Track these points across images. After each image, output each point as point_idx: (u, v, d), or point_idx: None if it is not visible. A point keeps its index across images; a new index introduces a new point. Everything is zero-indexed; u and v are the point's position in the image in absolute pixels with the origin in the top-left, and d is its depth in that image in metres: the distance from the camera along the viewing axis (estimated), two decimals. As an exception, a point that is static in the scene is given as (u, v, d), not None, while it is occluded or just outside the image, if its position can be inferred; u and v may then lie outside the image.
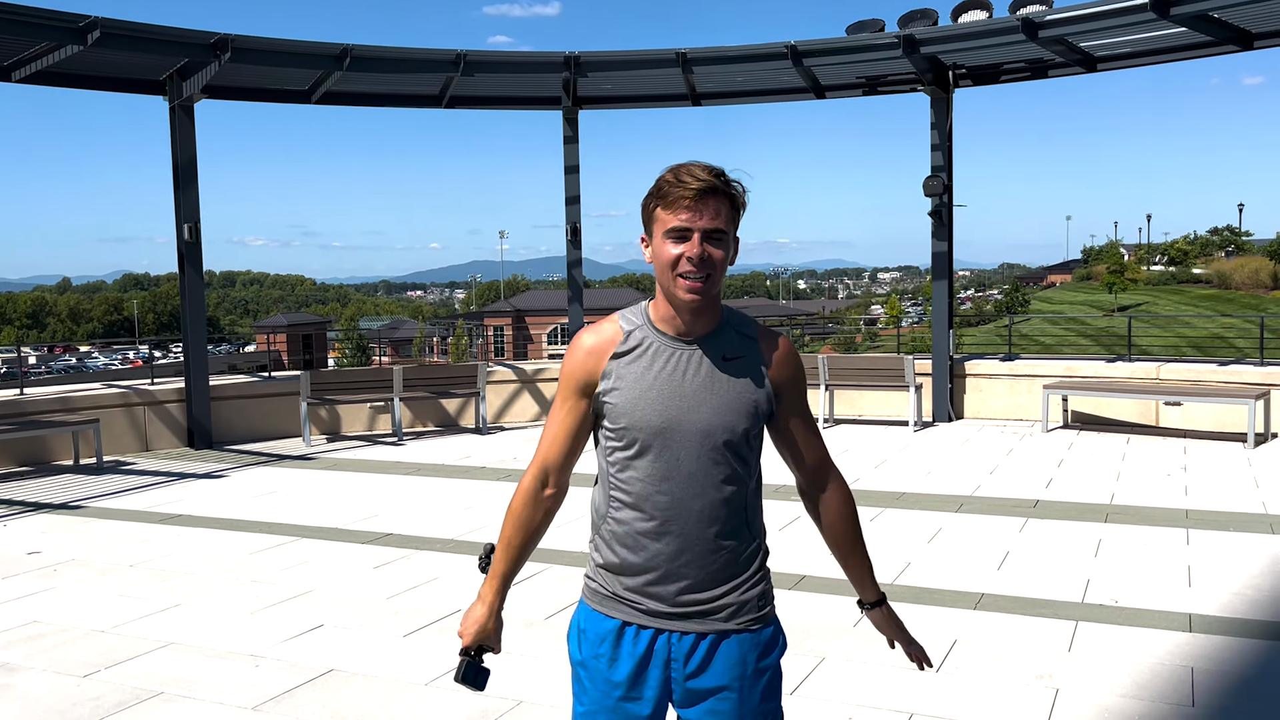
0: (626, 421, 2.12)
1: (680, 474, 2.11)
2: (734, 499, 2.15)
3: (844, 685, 4.42)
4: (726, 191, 2.09)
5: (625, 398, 2.13)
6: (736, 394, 2.14)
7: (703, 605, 2.16)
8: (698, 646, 2.17)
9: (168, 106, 11.51)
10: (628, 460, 2.14)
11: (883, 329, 57.95)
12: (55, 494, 9.07)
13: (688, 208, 2.05)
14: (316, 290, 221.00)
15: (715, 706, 2.18)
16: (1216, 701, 4.18)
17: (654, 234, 2.11)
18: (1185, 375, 11.37)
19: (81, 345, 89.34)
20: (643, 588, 2.16)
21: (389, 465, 10.22)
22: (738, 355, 2.16)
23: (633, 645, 2.18)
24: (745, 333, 2.19)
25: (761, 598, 2.23)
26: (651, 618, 2.17)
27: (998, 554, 6.42)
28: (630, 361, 2.14)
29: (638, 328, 2.17)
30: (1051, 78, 12.20)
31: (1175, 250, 77.95)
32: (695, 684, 2.18)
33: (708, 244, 2.07)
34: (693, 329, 2.14)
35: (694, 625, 2.17)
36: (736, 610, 2.19)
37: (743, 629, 2.20)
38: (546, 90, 13.38)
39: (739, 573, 2.19)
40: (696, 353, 2.14)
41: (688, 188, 2.05)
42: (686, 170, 2.08)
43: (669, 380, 2.12)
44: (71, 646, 5.12)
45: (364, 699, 4.38)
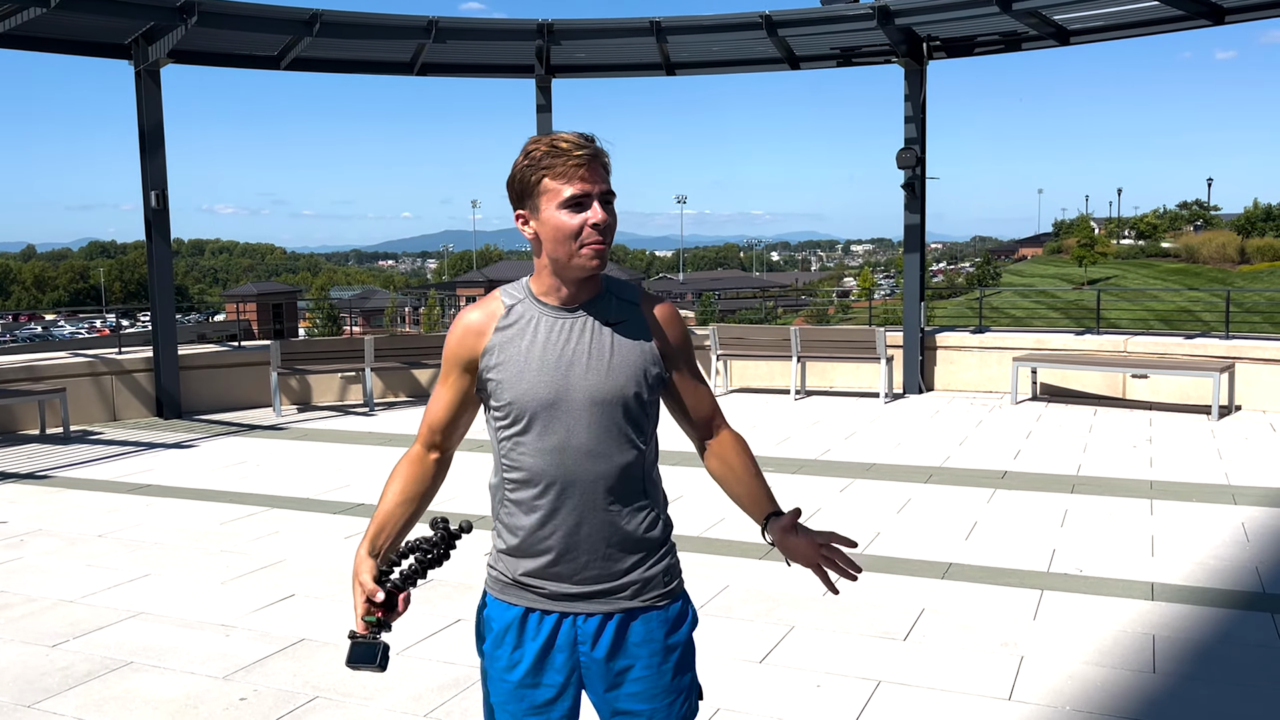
0: (511, 396, 2.07)
1: (573, 445, 2.05)
2: (631, 468, 2.10)
3: (812, 654, 4.47)
4: (604, 154, 2.06)
5: (509, 373, 2.08)
6: (624, 359, 2.09)
7: (606, 583, 2.11)
8: (604, 627, 2.12)
9: (133, 71, 11.31)
10: (517, 437, 2.09)
11: (855, 301, 58.21)
12: (21, 463, 8.98)
13: (583, 175, 2.00)
14: (287, 259, 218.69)
15: (629, 689, 2.14)
16: (1177, 668, 4.27)
17: (543, 206, 2.03)
18: (1152, 348, 11.51)
19: (47, 314, 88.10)
20: (543, 570, 2.11)
21: (360, 435, 10.18)
22: (621, 320, 2.11)
23: (536, 631, 2.13)
24: (627, 298, 2.15)
25: (667, 573, 2.18)
26: (554, 601, 2.12)
27: (966, 524, 6.50)
28: (514, 335, 2.09)
29: (519, 301, 2.12)
30: (1025, 50, 12.22)
31: (1144, 224, 78.67)
32: (606, 666, 2.13)
33: (603, 210, 2.03)
34: (576, 298, 2.10)
35: (599, 605, 2.12)
36: (642, 587, 2.14)
37: (649, 606, 2.15)
38: (519, 58, 13.24)
39: (641, 547, 2.13)
40: (579, 320, 2.09)
41: (575, 155, 2.00)
42: (564, 138, 2.02)
43: (553, 350, 2.07)
44: (39, 617, 5.08)
45: (336, 668, 4.39)
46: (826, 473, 8.06)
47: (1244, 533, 6.20)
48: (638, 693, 2.15)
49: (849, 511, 6.86)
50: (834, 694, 4.07)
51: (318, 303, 65.05)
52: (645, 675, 2.15)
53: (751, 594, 5.25)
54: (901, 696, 4.04)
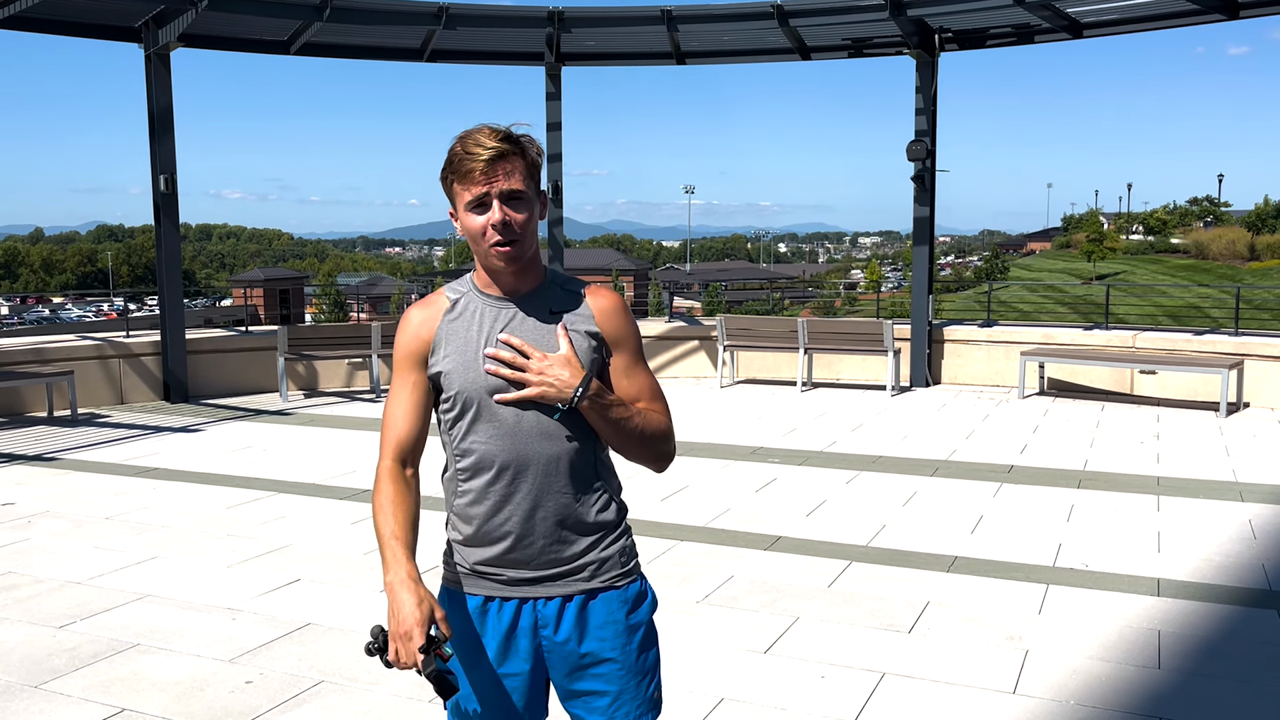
0: (459, 385, 2.09)
1: (522, 430, 2.08)
2: (583, 451, 2.12)
3: (817, 645, 4.47)
4: (518, 151, 2.06)
5: (455, 363, 2.10)
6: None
7: (562, 565, 2.13)
8: (564, 610, 2.14)
9: (143, 55, 11.30)
10: (468, 426, 2.10)
11: (862, 294, 58.09)
12: (29, 445, 9.00)
13: (480, 179, 2.02)
14: (294, 245, 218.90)
15: (596, 670, 2.16)
16: (1182, 664, 4.26)
17: (457, 208, 2.09)
18: (1161, 344, 11.48)
19: (55, 296, 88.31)
20: (500, 557, 2.12)
21: (366, 422, 10.19)
22: (563, 309, 2.14)
23: (496, 619, 2.15)
24: (570, 289, 2.18)
25: (623, 553, 2.19)
26: (513, 587, 2.14)
27: (971, 518, 6.49)
28: (459, 327, 2.12)
29: (463, 295, 2.16)
30: (1038, 43, 12.16)
31: (1154, 220, 78.36)
32: (568, 649, 2.15)
33: (507, 208, 2.04)
34: (515, 288, 2.13)
35: (557, 588, 2.14)
36: (598, 567, 2.15)
37: (608, 586, 2.17)
38: (529, 45, 13.21)
39: (597, 529, 2.15)
40: (521, 309, 2.13)
41: (477, 158, 2.02)
42: (473, 139, 2.04)
43: (495, 339, 2.10)
44: (47, 598, 5.10)
45: (341, 653, 4.40)
46: (833, 465, 8.05)
47: (1251, 530, 6.18)
48: (604, 674, 2.16)
49: (855, 504, 6.86)
50: (838, 685, 4.07)
51: (324, 289, 65.10)
52: (611, 656, 2.16)
53: (756, 585, 5.25)
54: (906, 688, 4.04)
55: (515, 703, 2.17)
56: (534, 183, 2.10)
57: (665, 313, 15.47)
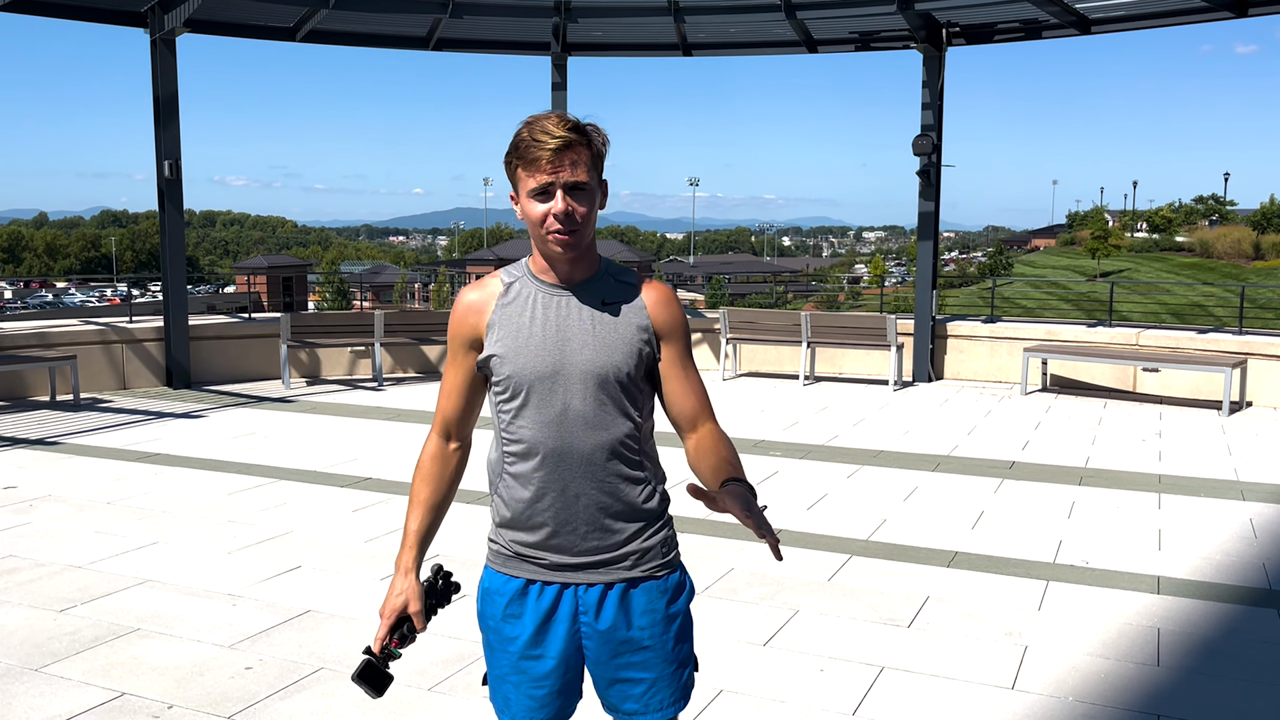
0: (510, 370, 2.12)
1: (570, 417, 2.10)
2: (627, 440, 2.14)
3: (817, 638, 4.47)
4: (584, 141, 2.06)
5: (508, 347, 2.13)
6: (618, 335, 2.13)
7: (605, 554, 2.15)
8: (606, 597, 2.16)
9: (148, 39, 11.28)
10: (517, 409, 2.14)
11: (866, 288, 58.05)
12: (32, 429, 9.02)
13: (546, 167, 2.03)
14: (297, 233, 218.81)
15: (633, 659, 2.18)
16: (1181, 662, 4.26)
17: (520, 193, 2.09)
18: (1164, 342, 11.46)
19: (58, 281, 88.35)
20: (544, 541, 2.15)
21: (369, 410, 10.20)
22: (616, 299, 2.16)
23: (536, 602, 2.17)
24: (624, 280, 2.20)
25: (665, 543, 2.22)
26: (555, 572, 2.16)
27: (972, 513, 6.49)
28: (513, 312, 2.15)
29: (518, 279, 2.18)
30: (1045, 39, 12.12)
31: (1159, 218, 78.20)
32: (608, 636, 2.17)
33: (570, 198, 2.05)
34: (570, 276, 2.15)
35: (600, 575, 2.16)
36: (640, 557, 2.18)
37: (648, 575, 2.19)
38: (536, 35, 13.18)
39: (639, 518, 2.18)
40: (575, 297, 2.15)
41: (544, 146, 2.02)
42: (541, 126, 2.04)
43: (549, 325, 2.12)
44: (48, 581, 5.11)
45: (341, 640, 4.41)
46: (834, 459, 8.05)
47: (1252, 529, 6.18)
48: (641, 662, 2.18)
49: (855, 498, 6.85)
50: (837, 678, 4.07)
51: (328, 277, 65.10)
52: (649, 645, 2.18)
53: (755, 577, 5.25)
54: (905, 683, 4.04)
55: (551, 685, 2.20)
56: (597, 173, 2.10)
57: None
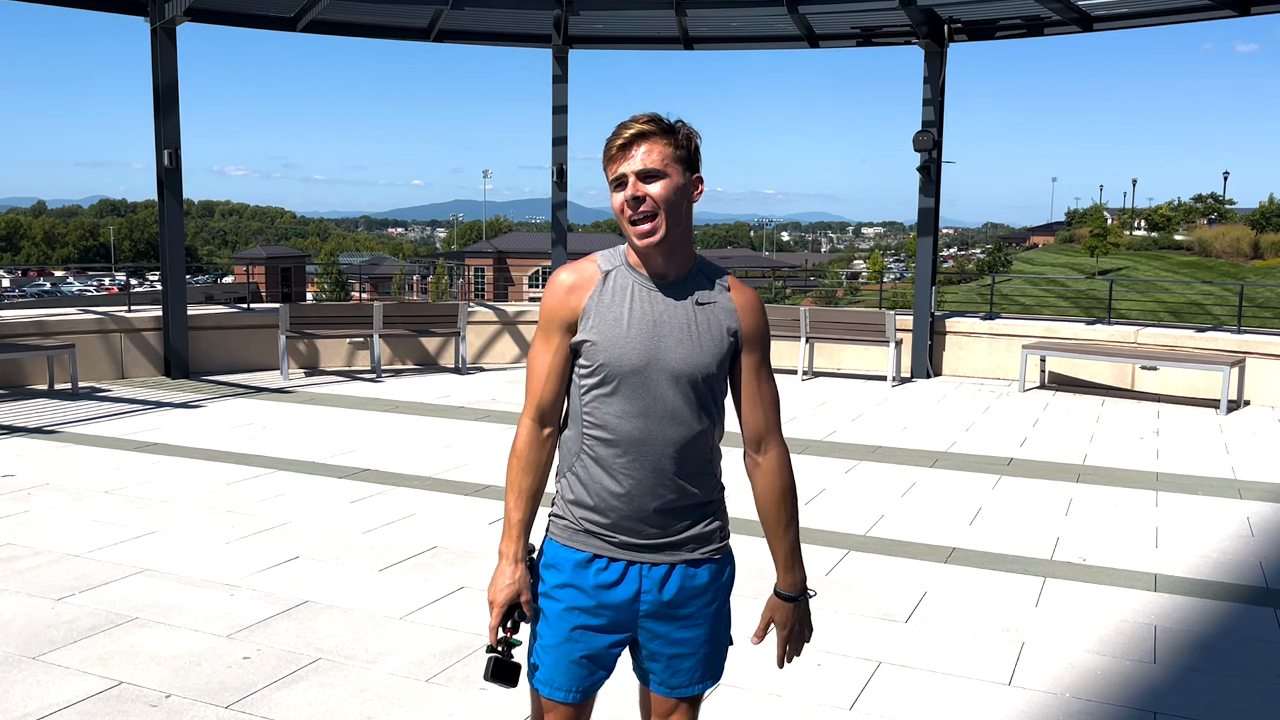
0: (605, 358, 2.17)
1: (656, 411, 2.18)
2: (704, 436, 2.23)
3: (814, 633, 4.47)
4: (659, 131, 2.14)
5: (604, 336, 2.17)
6: (710, 335, 2.21)
7: (670, 538, 2.25)
8: (669, 577, 2.26)
9: (149, 28, 11.25)
10: (604, 397, 2.19)
11: (864, 284, 58.05)
12: (30, 418, 9.01)
13: (617, 156, 2.14)
14: (296, 223, 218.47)
15: (682, 634, 2.30)
16: (1178, 659, 4.27)
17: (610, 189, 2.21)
18: (1163, 340, 11.47)
19: (56, 270, 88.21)
20: (615, 523, 2.23)
21: (367, 401, 10.20)
22: (710, 300, 2.23)
23: (599, 575, 2.25)
24: (717, 279, 2.27)
25: (721, 530, 2.34)
26: (623, 550, 2.24)
27: (970, 509, 6.50)
28: (609, 301, 2.20)
29: (616, 268, 2.23)
30: (1047, 35, 12.10)
31: (1158, 216, 78.22)
32: (666, 613, 2.27)
33: (641, 183, 2.12)
34: (666, 272, 2.21)
35: (664, 557, 2.25)
36: (700, 543, 2.28)
37: (706, 559, 2.30)
38: (537, 27, 13.15)
39: (702, 508, 2.28)
40: (673, 294, 2.21)
41: (621, 136, 2.14)
42: (623, 124, 2.17)
43: (646, 320, 2.18)
44: (45, 570, 5.11)
45: (339, 630, 4.41)
46: (832, 454, 8.05)
47: (1249, 527, 6.19)
48: (690, 638, 2.31)
49: (853, 493, 6.86)
50: (834, 673, 4.08)
51: (326, 268, 65.01)
52: (699, 623, 2.31)
53: (752, 571, 5.26)
54: (902, 678, 4.04)
55: (598, 660, 2.29)
56: (679, 165, 2.16)
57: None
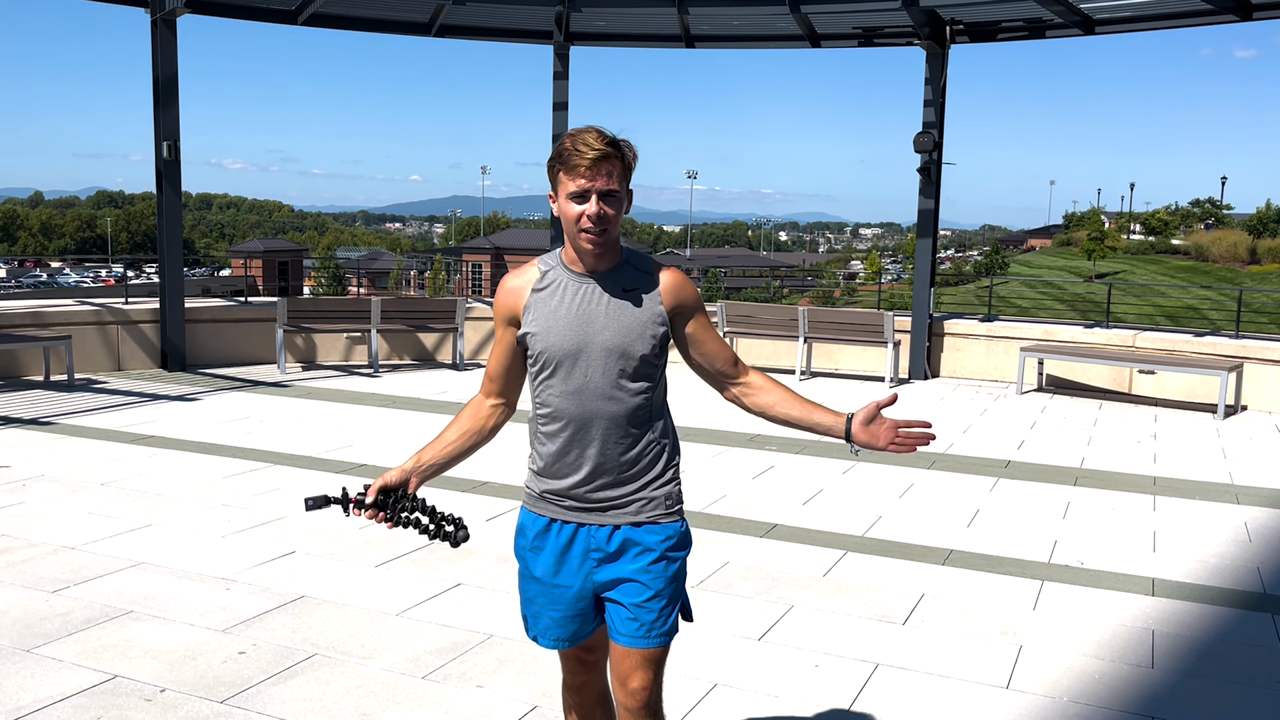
0: (542, 346, 2.47)
1: (590, 389, 2.46)
2: (639, 409, 2.50)
3: (811, 634, 4.47)
4: (618, 155, 2.38)
5: (541, 327, 2.47)
6: (635, 317, 2.47)
7: (615, 500, 2.52)
8: (612, 537, 2.52)
9: (149, 19, 11.21)
10: (547, 380, 2.50)
11: (862, 284, 58.06)
12: (25, 409, 8.97)
13: (585, 174, 2.34)
14: (294, 217, 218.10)
15: (630, 588, 2.52)
16: (1175, 664, 4.26)
17: (558, 194, 2.41)
18: (1161, 344, 11.47)
19: (53, 261, 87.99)
20: (564, 489, 2.52)
21: (364, 396, 10.17)
22: (635, 286, 2.49)
23: (556, 537, 2.56)
24: (642, 268, 2.52)
25: (669, 498, 2.57)
26: (572, 513, 2.54)
27: (968, 512, 6.49)
28: (546, 296, 2.49)
29: (552, 268, 2.52)
30: (1049, 38, 12.10)
31: (1156, 220, 78.28)
32: (612, 568, 2.53)
33: (603, 203, 2.37)
34: (597, 267, 2.48)
35: (609, 518, 2.52)
36: (644, 505, 2.53)
37: (650, 520, 2.53)
38: (539, 23, 13.13)
39: (646, 471, 2.53)
40: (600, 285, 2.47)
41: (584, 156, 2.34)
42: (583, 139, 2.35)
43: (577, 309, 2.46)
44: (40, 561, 5.09)
45: (334, 626, 4.39)
46: (829, 454, 8.04)
47: (1246, 532, 6.19)
48: (638, 592, 2.51)
49: (851, 494, 6.85)
50: (832, 674, 4.07)
51: (324, 262, 64.91)
52: (646, 578, 2.51)
53: (750, 571, 5.25)
54: (899, 680, 4.04)
55: (566, 610, 2.58)
56: (626, 183, 2.44)
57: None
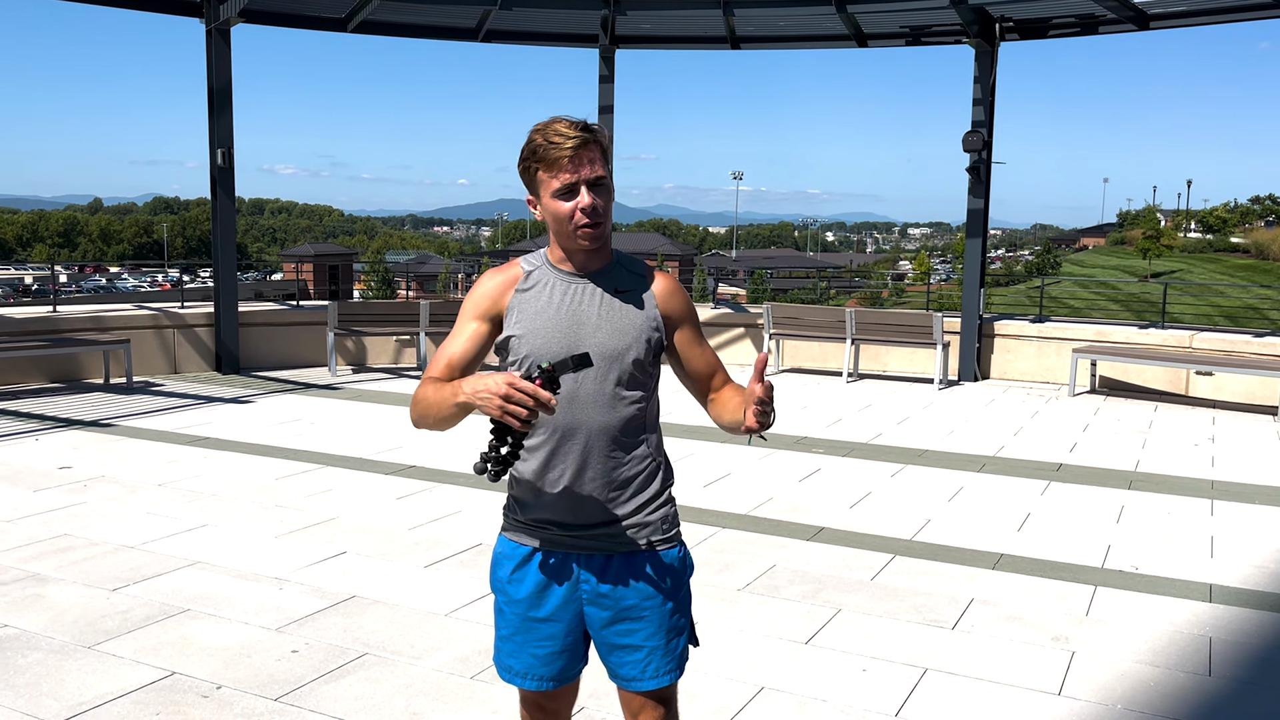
0: (528, 349, 2.24)
1: (580, 397, 2.24)
2: (633, 420, 2.29)
3: (859, 637, 4.44)
4: (594, 139, 2.19)
5: (526, 329, 2.25)
6: (629, 321, 2.28)
7: (608, 526, 2.30)
8: (607, 566, 2.31)
9: (204, 29, 11.44)
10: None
11: (910, 285, 57.51)
12: (86, 411, 9.20)
13: (568, 166, 2.16)
14: (344, 221, 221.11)
15: (629, 626, 2.32)
16: (1233, 672, 4.17)
17: (541, 195, 2.22)
18: (1218, 345, 11.23)
19: (111, 266, 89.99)
20: (550, 513, 2.29)
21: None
22: (628, 289, 2.31)
23: (539, 569, 2.33)
24: (634, 270, 2.35)
25: (665, 520, 2.36)
26: (558, 541, 2.31)
27: (1018, 515, 6.41)
28: (531, 297, 2.28)
29: (537, 268, 2.32)
30: (1101, 34, 11.90)
31: (1214, 218, 76.65)
32: (607, 603, 2.32)
33: (593, 193, 2.19)
34: (586, 266, 2.29)
35: (601, 545, 2.31)
36: (640, 530, 2.32)
37: (648, 547, 2.33)
38: (584, 27, 13.18)
39: (640, 492, 2.32)
40: (590, 285, 2.29)
41: (562, 147, 2.15)
42: (554, 130, 2.17)
43: (566, 310, 2.26)
44: (101, 560, 5.21)
45: (384, 626, 4.45)
46: (877, 457, 7.98)
47: (1308, 538, 6.04)
48: (638, 630, 2.33)
49: (899, 497, 6.80)
50: (880, 678, 4.04)
51: (373, 266, 65.67)
52: (646, 614, 2.33)
53: (797, 575, 5.23)
54: (948, 685, 4.00)
55: (553, 646, 2.36)
56: (609, 167, 2.26)
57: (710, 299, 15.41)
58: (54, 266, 24.93)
